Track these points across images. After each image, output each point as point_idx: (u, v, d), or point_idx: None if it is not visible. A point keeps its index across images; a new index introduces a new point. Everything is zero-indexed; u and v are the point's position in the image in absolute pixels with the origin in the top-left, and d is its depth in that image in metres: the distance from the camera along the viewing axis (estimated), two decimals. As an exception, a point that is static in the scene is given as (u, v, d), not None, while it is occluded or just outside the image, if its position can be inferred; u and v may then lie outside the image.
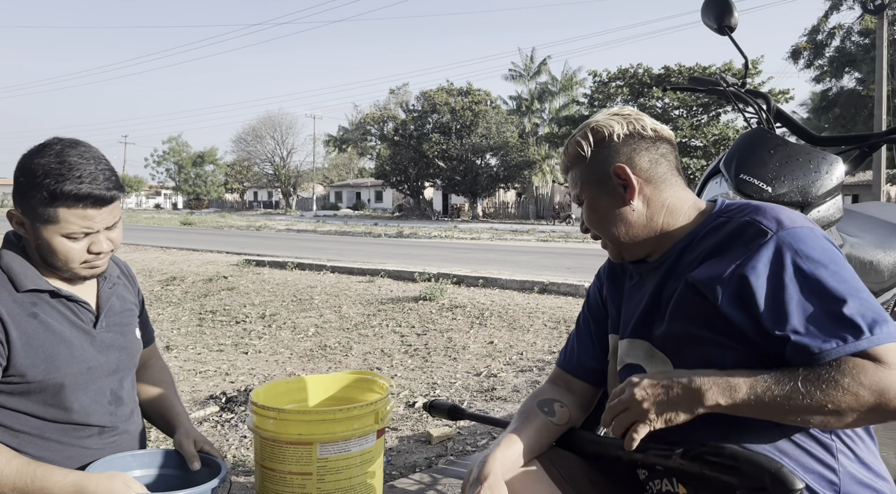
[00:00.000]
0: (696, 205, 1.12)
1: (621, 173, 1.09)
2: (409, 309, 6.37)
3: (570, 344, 1.31)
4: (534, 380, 4.12)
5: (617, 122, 1.11)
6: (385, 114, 47.20)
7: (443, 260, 11.95)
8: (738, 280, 0.95)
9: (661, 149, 1.12)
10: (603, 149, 1.11)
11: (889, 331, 0.88)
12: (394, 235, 22.63)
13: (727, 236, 1.02)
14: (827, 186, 1.35)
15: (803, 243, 0.95)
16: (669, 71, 34.26)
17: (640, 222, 1.09)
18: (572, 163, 1.15)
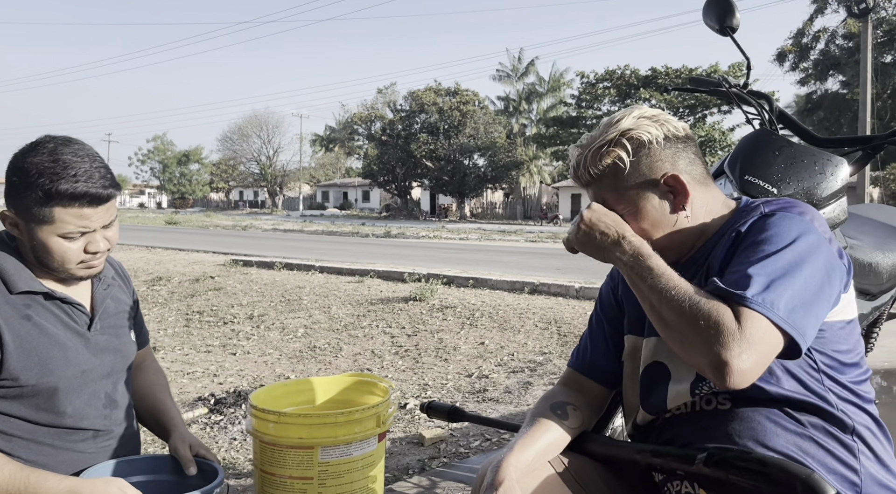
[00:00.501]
0: (727, 203, 1.12)
1: (673, 181, 1.06)
2: (399, 309, 6.34)
3: (583, 345, 1.29)
4: (525, 381, 4.11)
5: (652, 126, 1.07)
6: (373, 114, 47.10)
7: (432, 260, 11.92)
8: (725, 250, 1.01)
9: (693, 148, 1.10)
10: (644, 157, 1.06)
11: (770, 304, 0.89)
12: (381, 235, 22.57)
13: (741, 225, 1.04)
14: (832, 188, 1.35)
15: (787, 224, 0.97)
16: (656, 72, 34.50)
17: (688, 227, 1.08)
18: (602, 175, 1.09)
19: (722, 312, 0.89)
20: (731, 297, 0.91)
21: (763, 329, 0.89)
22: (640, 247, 1.00)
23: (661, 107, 36.45)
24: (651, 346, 1.13)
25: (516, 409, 3.63)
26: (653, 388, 1.13)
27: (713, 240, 1.07)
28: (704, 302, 0.91)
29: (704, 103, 32.88)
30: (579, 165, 1.11)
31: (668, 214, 1.06)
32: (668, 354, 1.10)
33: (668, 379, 1.10)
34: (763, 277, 0.92)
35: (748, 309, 0.90)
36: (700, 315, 0.90)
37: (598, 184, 1.10)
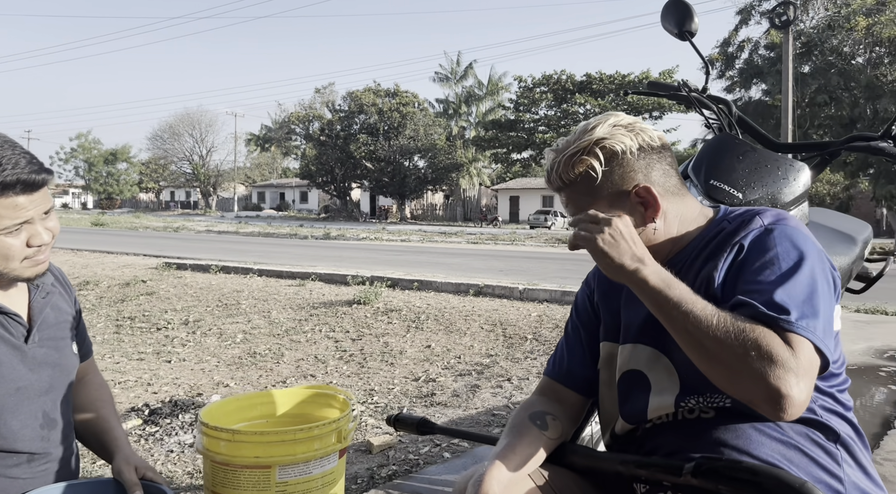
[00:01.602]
0: (704, 213, 1.11)
1: (645, 194, 1.03)
2: (342, 313, 6.22)
3: (560, 353, 1.26)
4: (473, 384, 4.08)
5: (626, 136, 1.04)
6: (311, 114, 46.37)
7: (374, 262, 11.80)
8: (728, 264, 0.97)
9: (668, 158, 1.08)
10: (616, 167, 1.04)
11: (813, 329, 0.87)
12: (321, 237, 22.22)
13: (726, 235, 1.02)
14: (795, 193, 1.37)
15: (789, 238, 0.96)
16: (591, 78, 35.36)
17: (658, 238, 1.06)
18: (574, 182, 1.06)
19: (771, 339, 0.85)
20: (774, 322, 0.87)
21: (811, 354, 0.87)
22: (664, 271, 0.95)
23: (596, 112, 37.47)
24: (627, 354, 1.11)
25: (465, 413, 3.59)
26: (631, 397, 1.10)
27: (690, 248, 1.06)
28: (750, 329, 0.86)
29: (638, 109, 33.90)
30: (552, 170, 1.08)
31: (637, 226, 1.03)
32: (645, 363, 1.07)
33: (648, 389, 1.07)
34: (797, 300, 0.89)
35: (796, 334, 0.86)
36: (749, 343, 0.85)
37: (569, 191, 1.07)
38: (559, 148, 1.07)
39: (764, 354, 0.83)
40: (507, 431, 1.13)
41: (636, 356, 1.09)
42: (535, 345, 5.06)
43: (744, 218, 1.03)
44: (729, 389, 0.88)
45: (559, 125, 36.05)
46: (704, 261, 1.02)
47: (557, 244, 20.49)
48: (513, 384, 4.07)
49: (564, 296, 6.94)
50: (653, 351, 1.07)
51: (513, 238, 22.53)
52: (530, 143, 36.40)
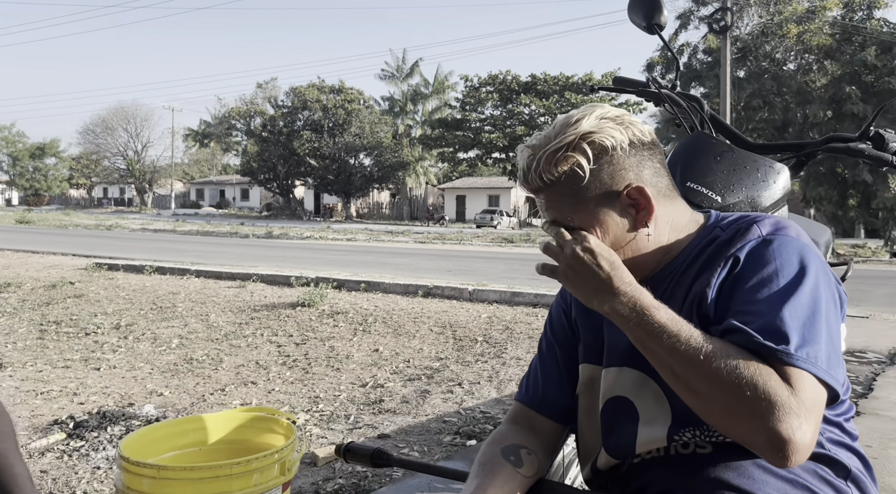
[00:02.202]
0: (694, 218, 0.99)
1: (637, 195, 0.91)
2: (285, 316, 6.00)
3: (533, 375, 1.13)
4: (423, 389, 3.96)
5: (616, 130, 0.92)
6: (252, 109, 45.27)
7: (319, 262, 11.53)
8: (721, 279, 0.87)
9: (658, 156, 0.97)
10: (606, 164, 0.91)
11: (815, 359, 0.78)
12: (263, 236, 21.67)
13: (720, 244, 0.91)
14: (774, 196, 1.30)
15: (789, 251, 0.86)
16: (536, 79, 35.76)
17: (649, 247, 0.94)
18: (556, 183, 0.93)
19: (768, 377, 0.76)
20: (771, 354, 0.78)
21: (815, 389, 0.77)
22: (642, 298, 0.83)
23: (541, 113, 37.86)
24: (611, 378, 0.99)
25: (415, 421, 3.46)
26: (616, 428, 0.98)
27: (681, 259, 0.95)
28: (743, 364, 0.76)
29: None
30: (529, 169, 0.93)
31: (628, 231, 0.92)
32: (632, 388, 0.96)
33: (636, 418, 0.95)
34: (796, 324, 0.80)
35: (796, 368, 0.77)
36: (743, 382, 0.75)
37: (550, 192, 0.94)
38: (538, 144, 0.94)
39: (761, 394, 0.74)
40: (477, 469, 1.00)
41: (621, 381, 0.97)
42: (486, 348, 4.98)
43: (739, 226, 0.92)
44: (724, 431, 0.79)
45: (505, 125, 36.30)
46: (697, 274, 0.91)
47: (504, 243, 20.58)
48: (464, 389, 3.97)
49: (514, 297, 6.90)
50: (640, 374, 0.95)
51: (460, 237, 22.52)
52: (476, 143, 36.53)
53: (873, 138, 1.31)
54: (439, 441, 3.15)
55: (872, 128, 1.31)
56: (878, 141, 1.30)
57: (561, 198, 0.93)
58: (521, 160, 0.96)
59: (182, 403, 3.72)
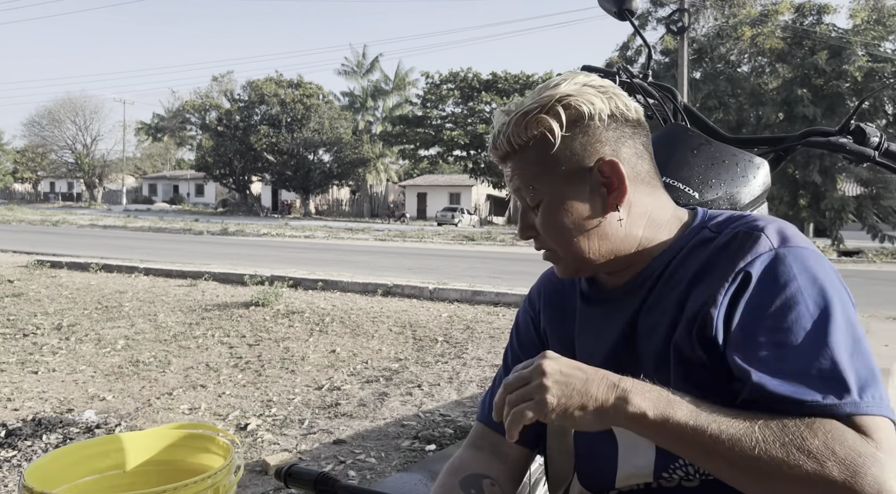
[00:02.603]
0: (677, 215, 0.87)
1: (610, 170, 0.80)
2: (238, 316, 5.80)
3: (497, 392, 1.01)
4: (381, 392, 3.84)
5: (597, 98, 0.80)
6: (207, 103, 44.24)
7: (275, 260, 11.26)
8: (730, 299, 0.74)
9: (643, 138, 0.85)
10: (580, 133, 0.80)
11: (880, 399, 0.68)
12: (218, 233, 21.17)
13: (717, 250, 0.78)
14: (754, 193, 1.22)
15: (806, 266, 0.74)
16: (497, 77, 35.87)
17: (619, 235, 0.82)
18: (524, 148, 0.82)
19: (843, 437, 0.65)
20: (837, 412, 0.67)
21: (889, 431, 0.67)
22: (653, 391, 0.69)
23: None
24: None
25: (372, 425, 3.34)
26: (592, 456, 0.87)
27: (665, 257, 0.83)
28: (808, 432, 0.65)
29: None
30: (500, 133, 0.84)
31: (596, 213, 0.81)
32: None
33: (614, 445, 0.83)
34: (845, 359, 0.69)
35: (868, 416, 0.66)
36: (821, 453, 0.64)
37: (517, 159, 0.83)
38: (513, 107, 0.84)
39: (843, 459, 0.64)
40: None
41: None
42: (447, 348, 4.88)
43: (737, 230, 0.79)
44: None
45: (466, 122, 36.31)
46: (690, 284, 0.79)
47: (465, 241, 20.55)
48: (423, 390, 3.86)
49: (475, 296, 6.82)
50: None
51: (421, 235, 22.39)
52: (438, 140, 36.44)
53: (854, 132, 1.24)
54: (397, 447, 3.04)
55: (853, 121, 1.24)
56: (859, 135, 1.23)
57: (527, 165, 0.83)
58: (495, 124, 0.86)
59: (126, 408, 3.53)
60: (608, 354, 0.83)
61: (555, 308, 0.96)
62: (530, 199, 0.84)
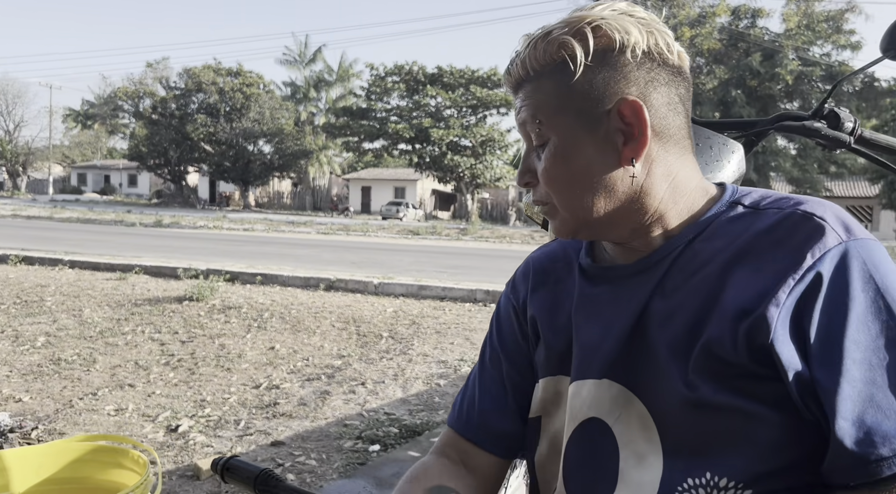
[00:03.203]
0: (703, 186, 0.73)
1: (631, 114, 0.67)
2: (171, 311, 5.51)
3: (470, 394, 0.87)
4: (322, 390, 3.69)
5: (635, 28, 0.67)
6: (141, 90, 42.49)
7: (212, 253, 10.86)
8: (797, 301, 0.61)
9: (682, 90, 0.71)
10: (605, 66, 0.67)
11: None
12: (151, 224, 20.35)
13: (761, 233, 0.65)
14: (730, 178, 1.16)
15: (882, 266, 0.62)
16: (442, 71, 35.74)
17: (629, 195, 0.69)
18: (541, 74, 0.69)
19: None
20: None
21: None
22: None
23: (447, 106, 37.93)
24: (585, 395, 0.72)
25: (313, 425, 3.19)
26: (586, 467, 0.72)
27: (690, 232, 0.70)
28: None
29: (486, 104, 34.81)
30: (517, 56, 0.71)
31: (606, 164, 0.68)
32: (612, 409, 0.70)
33: (615, 453, 0.70)
34: None
35: None
36: None
37: (529, 88, 0.70)
38: (537, 32, 0.71)
39: None
40: None
41: (599, 398, 0.71)
42: (392, 344, 4.75)
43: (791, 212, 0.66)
44: None
45: (411, 116, 36.08)
46: (726, 269, 0.65)
47: (411, 236, 20.41)
48: (367, 388, 3.73)
49: (421, 291, 6.72)
50: (621, 390, 0.70)
51: (365, 229, 22.12)
52: (382, 133, 36.04)
53: (828, 117, 1.19)
54: (339, 448, 2.90)
55: (827, 105, 1.19)
56: (833, 120, 1.18)
57: (539, 96, 0.70)
58: (516, 49, 0.73)
59: (44, 410, 3.27)
60: (618, 346, 0.70)
61: (547, 290, 0.82)
62: (535, 137, 0.71)
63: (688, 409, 0.63)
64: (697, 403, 0.63)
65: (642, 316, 0.69)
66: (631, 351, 0.69)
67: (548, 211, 0.74)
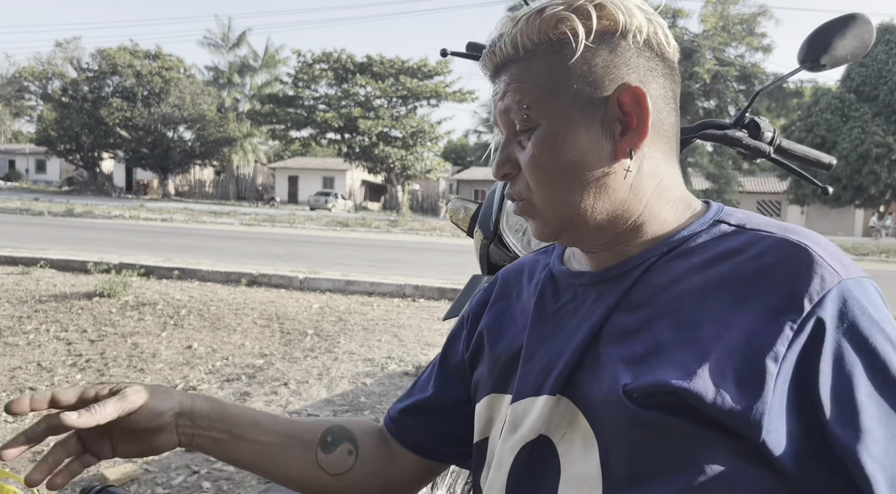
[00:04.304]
0: (687, 199, 0.68)
1: (632, 102, 0.61)
2: (79, 308, 5.19)
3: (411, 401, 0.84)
4: (243, 391, 3.55)
5: (639, 12, 0.62)
6: (50, 70, 39.93)
7: (127, 245, 10.33)
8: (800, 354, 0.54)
9: (674, 86, 0.66)
10: (606, 49, 0.62)
11: None
12: (62, 213, 19.19)
13: (751, 258, 0.59)
14: None
15: (881, 308, 0.57)
16: (371, 60, 35.30)
17: (621, 193, 0.63)
18: (534, 53, 0.63)
19: None
20: None
21: None
22: None
23: (377, 96, 37.53)
24: (536, 411, 0.65)
25: (233, 428, 3.06)
26: (529, 489, 0.66)
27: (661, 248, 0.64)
28: None
29: (417, 95, 34.68)
30: (503, 34, 0.64)
31: (602, 156, 0.62)
32: (559, 426, 0.64)
33: (556, 477, 0.63)
34: None
35: None
36: None
37: (517, 68, 0.64)
38: (526, 8, 0.64)
39: None
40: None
41: (548, 415, 0.65)
42: (317, 342, 4.62)
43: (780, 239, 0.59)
44: None
45: (340, 105, 35.49)
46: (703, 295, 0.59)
47: (340, 227, 20.10)
48: (290, 389, 3.61)
49: (349, 286, 6.59)
50: (568, 405, 0.64)
51: (292, 220, 21.60)
52: (310, 121, 35.27)
53: (748, 126, 1.20)
54: None
55: (748, 114, 1.20)
56: (754, 129, 1.19)
57: (529, 77, 0.63)
58: (497, 29, 0.66)
59: (-74, 422, 2.99)
60: (572, 359, 0.64)
61: (505, 303, 0.78)
62: (520, 123, 0.64)
63: (633, 430, 0.58)
64: (643, 422, 0.57)
65: (600, 329, 0.64)
66: (584, 364, 0.64)
67: (524, 208, 0.67)
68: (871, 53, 25.64)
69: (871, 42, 1.14)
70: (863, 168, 25.88)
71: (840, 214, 33.00)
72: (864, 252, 17.63)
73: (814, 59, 1.13)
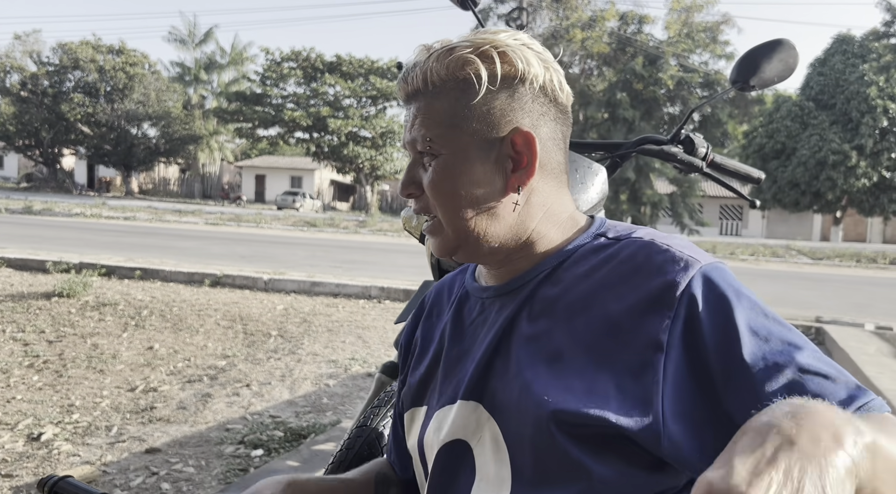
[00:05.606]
0: (574, 218, 0.77)
1: (523, 144, 0.70)
2: (37, 308, 5.10)
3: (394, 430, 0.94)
4: (204, 393, 3.54)
5: (535, 62, 0.70)
6: (8, 63, 38.79)
7: (87, 244, 10.13)
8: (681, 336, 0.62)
9: (564, 128, 0.76)
10: (505, 92, 0.70)
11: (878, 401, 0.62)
12: (20, 211, 18.70)
13: (622, 262, 0.68)
14: (592, 200, 1.21)
15: (734, 281, 0.66)
16: (341, 60, 35.11)
17: (510, 221, 0.72)
18: (440, 89, 0.70)
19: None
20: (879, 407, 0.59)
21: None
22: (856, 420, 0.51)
23: (346, 95, 37.22)
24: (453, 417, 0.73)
25: (192, 429, 3.06)
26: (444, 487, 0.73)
27: (549, 262, 0.73)
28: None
29: (386, 95, 34.58)
30: (416, 65, 0.72)
31: (493, 189, 0.70)
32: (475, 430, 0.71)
33: (471, 478, 0.70)
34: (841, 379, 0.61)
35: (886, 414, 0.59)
36: None
37: (426, 100, 0.71)
38: (441, 44, 0.72)
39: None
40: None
41: (464, 419, 0.72)
42: (280, 343, 4.63)
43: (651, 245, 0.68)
44: None
45: (309, 104, 35.20)
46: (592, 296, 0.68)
47: (307, 228, 19.96)
48: (252, 390, 3.61)
49: (314, 287, 6.59)
50: (481, 410, 0.71)
51: (258, 219, 21.38)
52: (278, 120, 34.89)
53: (684, 142, 1.28)
54: (220, 453, 2.80)
55: (683, 131, 1.28)
56: (689, 145, 1.27)
57: (434, 113, 0.71)
58: (413, 58, 0.73)
59: None
60: (481, 365, 0.72)
61: (431, 321, 0.86)
62: (424, 150, 0.72)
63: (539, 430, 0.64)
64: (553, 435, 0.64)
65: (505, 337, 0.72)
66: (494, 372, 0.71)
67: (432, 227, 0.75)
68: (829, 63, 26.42)
69: (796, 65, 1.23)
70: (820, 174, 26.63)
71: (799, 219, 33.91)
72: (820, 256, 18.16)
73: (744, 80, 1.21)
